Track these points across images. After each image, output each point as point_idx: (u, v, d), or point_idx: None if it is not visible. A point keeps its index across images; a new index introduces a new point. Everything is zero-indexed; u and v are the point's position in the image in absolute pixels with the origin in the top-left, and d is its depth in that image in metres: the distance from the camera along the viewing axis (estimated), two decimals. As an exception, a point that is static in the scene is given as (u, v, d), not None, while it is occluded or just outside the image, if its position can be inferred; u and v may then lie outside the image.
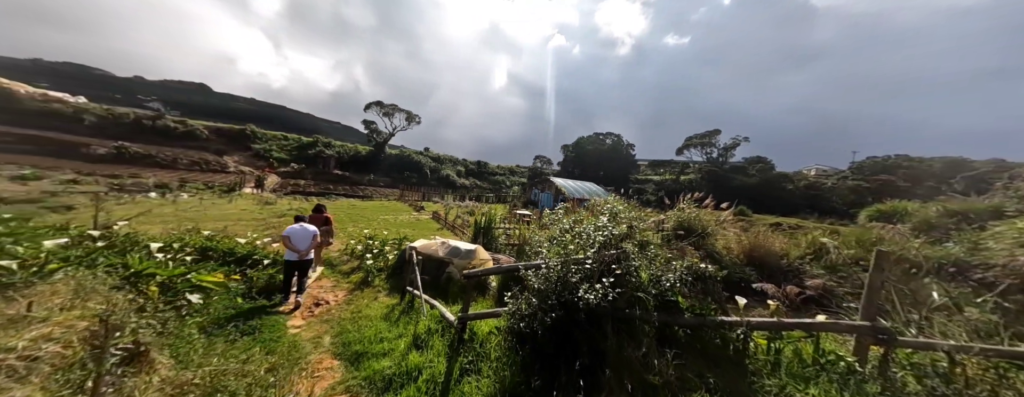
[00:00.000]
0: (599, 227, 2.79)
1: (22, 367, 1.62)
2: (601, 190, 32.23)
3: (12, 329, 1.78)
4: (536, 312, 2.69)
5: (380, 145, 47.44)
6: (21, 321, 1.84)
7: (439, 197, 32.07)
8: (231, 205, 15.37)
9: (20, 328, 1.80)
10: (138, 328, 2.46)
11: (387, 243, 7.98)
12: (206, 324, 3.85)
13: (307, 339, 4.14)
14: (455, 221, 13.53)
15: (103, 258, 2.83)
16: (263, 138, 41.26)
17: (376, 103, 46.68)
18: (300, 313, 4.96)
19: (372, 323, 4.59)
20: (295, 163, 38.91)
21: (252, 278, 5.40)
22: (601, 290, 2.38)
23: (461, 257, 6.99)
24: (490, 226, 9.65)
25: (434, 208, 20.47)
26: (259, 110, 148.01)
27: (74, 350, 1.87)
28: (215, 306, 4.38)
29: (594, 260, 2.59)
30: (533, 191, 37.25)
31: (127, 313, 2.33)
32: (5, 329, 1.77)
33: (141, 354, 2.31)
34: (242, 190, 22.84)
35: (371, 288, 6.18)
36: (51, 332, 1.82)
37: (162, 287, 2.94)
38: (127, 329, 2.29)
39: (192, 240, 6.04)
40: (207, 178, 26.86)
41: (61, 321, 1.92)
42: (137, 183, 20.37)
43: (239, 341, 3.72)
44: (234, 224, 9.89)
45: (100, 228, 5.58)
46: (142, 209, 11.40)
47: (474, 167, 57.52)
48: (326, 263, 7.19)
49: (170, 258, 5.10)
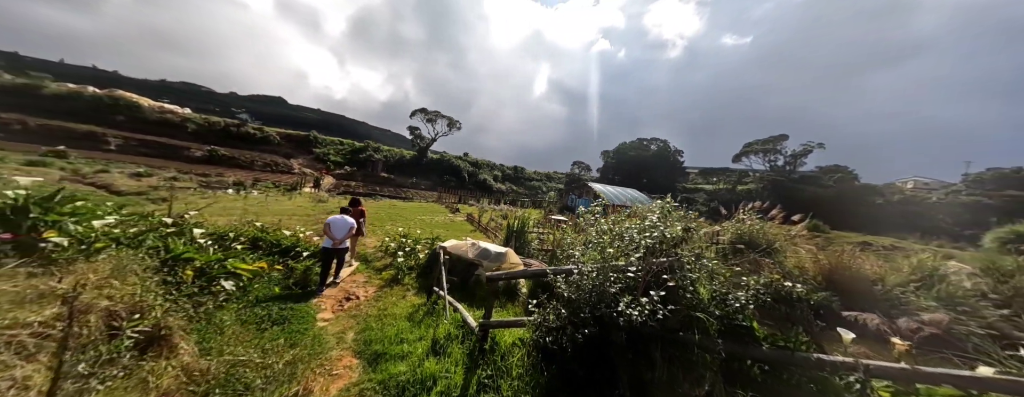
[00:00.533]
0: (646, 228, 2.29)
1: (32, 344, 1.59)
2: (644, 197, 30.30)
3: (37, 304, 1.79)
4: (565, 326, 2.26)
5: (423, 150, 49.69)
6: (49, 296, 1.86)
7: (475, 200, 32.50)
8: (290, 202, 16.81)
9: (44, 304, 1.80)
10: (165, 311, 2.46)
11: (419, 242, 7.97)
12: (242, 311, 3.96)
13: (332, 333, 4.08)
14: (488, 224, 13.39)
15: (150, 240, 2.97)
16: (323, 143, 45.37)
17: (421, 110, 49.14)
18: (330, 306, 4.99)
19: (395, 322, 4.44)
20: (348, 166, 42.17)
21: (293, 268, 5.61)
22: (648, 305, 1.89)
23: (491, 260, 6.70)
24: (523, 230, 9.28)
25: (469, 210, 20.65)
26: (323, 119, 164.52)
27: (90, 330, 1.83)
28: (255, 293, 4.54)
29: (639, 268, 2.10)
30: (570, 197, 36.24)
31: (155, 295, 2.33)
32: (30, 304, 1.77)
33: (163, 338, 2.27)
34: (302, 189, 25.07)
35: (400, 286, 6.13)
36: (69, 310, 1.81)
37: (198, 272, 3.00)
38: (153, 312, 2.27)
39: (246, 231, 6.49)
40: (275, 178, 30.03)
41: (86, 299, 1.92)
42: (220, 181, 23.31)
43: (269, 330, 3.75)
44: (288, 218, 10.65)
45: (174, 216, 6.22)
46: (218, 203, 12.85)
47: (511, 172, 57.81)
48: (362, 258, 7.34)
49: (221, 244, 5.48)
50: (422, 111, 49.08)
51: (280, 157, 39.24)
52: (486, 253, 6.80)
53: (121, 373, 1.91)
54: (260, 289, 4.69)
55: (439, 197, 33.07)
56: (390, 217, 14.78)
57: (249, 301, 4.29)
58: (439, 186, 42.11)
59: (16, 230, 2.35)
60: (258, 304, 4.27)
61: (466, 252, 6.90)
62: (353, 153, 45.58)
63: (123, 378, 1.88)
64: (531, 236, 9.33)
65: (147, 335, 2.15)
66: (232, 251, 4.67)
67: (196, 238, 3.71)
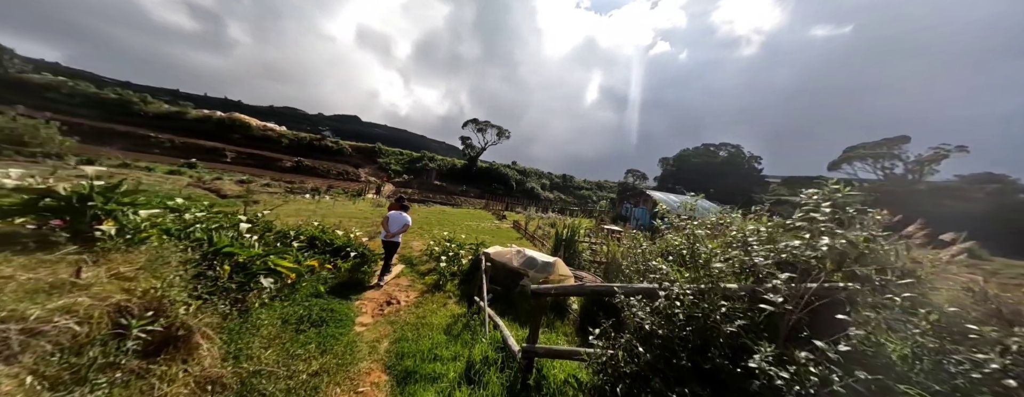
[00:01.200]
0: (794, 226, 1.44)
1: (17, 343, 1.39)
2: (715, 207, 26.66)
3: (44, 294, 1.64)
4: (647, 374, 1.52)
5: (473, 159, 51.29)
6: (62, 287, 1.71)
7: (522, 208, 32.10)
8: (354, 206, 18.18)
9: (53, 296, 1.64)
10: (195, 309, 2.28)
11: (463, 247, 7.64)
12: (286, 309, 3.89)
13: (367, 341, 3.78)
14: (535, 232, 12.73)
15: (198, 232, 2.97)
16: (386, 154, 49.53)
17: (472, 120, 51.02)
18: (371, 310, 4.78)
19: (432, 334, 4.01)
20: (406, 174, 45.25)
21: (341, 268, 5.61)
22: (811, 365, 1.08)
23: (537, 270, 6.02)
24: (573, 239, 8.44)
25: (515, 218, 20.23)
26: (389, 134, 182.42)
27: (93, 327, 1.62)
28: (303, 292, 4.52)
29: (787, 294, 1.28)
30: (624, 206, 33.67)
31: (178, 290, 2.16)
32: (37, 294, 1.62)
33: (181, 339, 2.06)
34: (366, 195, 27.30)
35: (442, 293, 5.77)
36: (75, 303, 1.63)
37: (238, 267, 2.88)
38: (174, 308, 2.08)
39: (306, 230, 6.78)
40: (345, 185, 33.29)
41: (97, 292, 1.75)
42: (301, 187, 26.46)
43: (305, 332, 3.58)
44: (348, 220, 11.28)
45: (249, 215, 6.80)
46: (294, 205, 14.30)
47: (559, 180, 56.59)
48: (406, 261, 7.22)
49: (283, 242, 5.70)
50: (473, 121, 50.93)
51: (350, 167, 43.68)
52: (532, 262, 6.15)
53: (122, 379, 1.67)
54: (307, 287, 4.67)
55: (486, 204, 33.42)
56: (438, 222, 15.00)
57: (295, 299, 4.25)
58: (487, 194, 42.81)
59: (80, 218, 2.35)
60: (302, 303, 4.20)
61: (510, 260, 6.33)
62: (411, 162, 48.90)
63: (120, 386, 1.64)
64: (582, 246, 8.44)
65: (160, 335, 1.93)
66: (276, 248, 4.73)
67: (242, 233, 3.73)
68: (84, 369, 1.56)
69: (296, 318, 3.78)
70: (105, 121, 35.28)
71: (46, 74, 38.81)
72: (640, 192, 33.00)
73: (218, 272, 2.65)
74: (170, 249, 2.53)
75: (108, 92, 40.37)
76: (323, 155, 44.71)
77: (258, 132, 44.07)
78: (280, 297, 4.15)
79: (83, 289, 1.76)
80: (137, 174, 19.01)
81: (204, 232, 2.98)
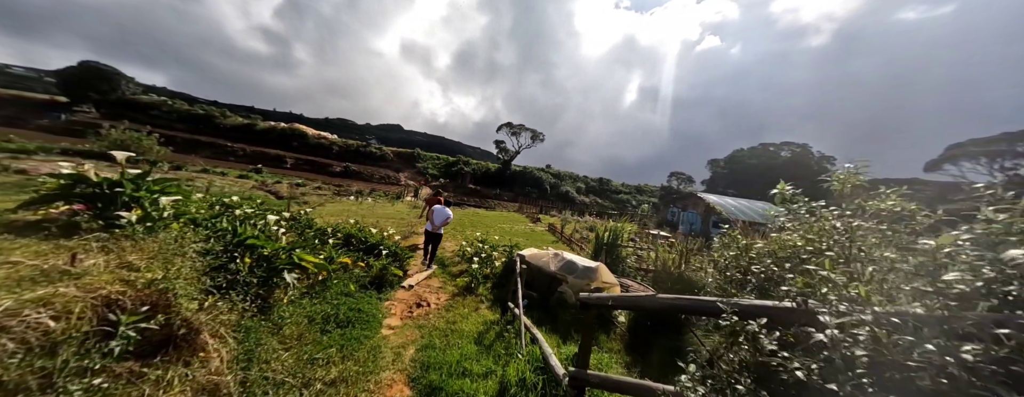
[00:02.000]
0: None
1: (-28, 339, 1.15)
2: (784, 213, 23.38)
3: (29, 282, 1.44)
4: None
5: (506, 163, 51.34)
6: (50, 275, 1.51)
7: (557, 211, 31.18)
8: (392, 207, 18.74)
9: (36, 284, 1.43)
10: (209, 304, 2.05)
11: (496, 248, 7.21)
12: (315, 307, 3.70)
13: (392, 347, 3.45)
14: (572, 235, 11.97)
15: (224, 222, 2.85)
16: (424, 159, 51.45)
17: (506, 124, 51.21)
18: (400, 312, 4.49)
19: (461, 342, 3.58)
20: (442, 178, 46.49)
21: (372, 267, 5.44)
22: None
23: (577, 275, 5.39)
24: (615, 243, 7.63)
25: (550, 221, 19.50)
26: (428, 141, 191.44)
27: (71, 322, 1.38)
28: (335, 289, 4.36)
29: None
30: (671, 209, 31.09)
31: (184, 282, 1.93)
32: (22, 282, 1.41)
33: (183, 338, 1.81)
34: (404, 198, 28.31)
35: (474, 296, 5.37)
36: (55, 294, 1.40)
37: (261, 261, 2.68)
38: (178, 303, 1.84)
39: (342, 227, 6.81)
40: (387, 188, 34.93)
41: (88, 283, 1.53)
42: (347, 190, 28.17)
43: (330, 334, 3.33)
44: (385, 220, 11.46)
45: (293, 212, 7.02)
46: (338, 206, 15.01)
47: (595, 184, 54.59)
48: (438, 262, 6.95)
49: (321, 239, 5.69)
50: (507, 125, 51.11)
51: (391, 171, 45.92)
52: (571, 266, 5.53)
53: (105, 384, 1.41)
54: (338, 285, 4.51)
55: (520, 207, 33.00)
56: (471, 223, 14.82)
57: (325, 297, 4.08)
58: (521, 197, 42.43)
59: (109, 205, 2.24)
60: (331, 301, 4.01)
61: (547, 263, 5.76)
62: (447, 166, 50.22)
63: (98, 394, 1.37)
64: (626, 251, 7.61)
65: (158, 334, 1.68)
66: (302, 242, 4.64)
67: (269, 225, 3.61)
68: (56, 373, 1.30)
69: (322, 317, 3.56)
70: (194, 133, 40.76)
71: (153, 95, 46.01)
72: (689, 195, 30.21)
73: (238, 265, 2.44)
74: (190, 238, 2.36)
75: (197, 109, 46.78)
76: (368, 160, 47.56)
77: (313, 140, 48.13)
78: (310, 294, 4.00)
79: (75, 278, 1.55)
80: (212, 177, 21.44)
81: (229, 222, 2.84)
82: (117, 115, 34.32)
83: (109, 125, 22.29)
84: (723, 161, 45.53)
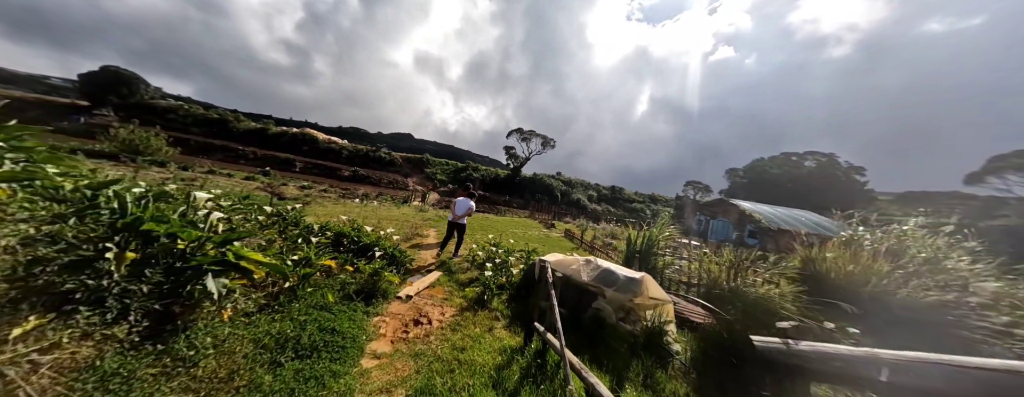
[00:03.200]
0: None
1: None
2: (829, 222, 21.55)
3: None
4: None
5: (516, 169, 50.47)
6: None
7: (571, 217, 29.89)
8: (398, 210, 17.84)
9: None
10: None
11: (512, 253, 6.12)
12: (266, 327, 2.66)
13: (373, 390, 2.37)
14: (594, 242, 10.77)
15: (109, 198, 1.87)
16: (433, 164, 51.02)
17: (517, 130, 50.60)
18: (391, 331, 3.41)
19: (472, 383, 2.48)
20: (450, 184, 45.78)
21: (363, 271, 4.41)
22: None
23: (618, 288, 4.23)
24: (650, 251, 6.46)
25: (566, 227, 18.27)
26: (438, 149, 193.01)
27: None
28: (304, 301, 3.33)
29: None
30: (697, 217, 29.24)
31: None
32: None
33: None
34: (411, 202, 27.52)
35: (487, 311, 4.26)
36: None
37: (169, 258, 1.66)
38: None
39: (333, 226, 5.84)
40: (394, 192, 34.29)
41: None
42: (353, 193, 27.55)
43: (283, 368, 2.28)
44: (387, 221, 10.49)
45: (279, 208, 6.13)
46: (344, 208, 14.16)
47: (607, 192, 53.07)
48: (445, 269, 5.88)
49: (305, 238, 4.70)
50: (518, 131, 50.52)
51: (400, 176, 45.49)
52: (610, 277, 4.37)
53: None
54: (313, 295, 3.48)
55: (531, 214, 31.85)
56: (482, 228, 13.76)
57: (292, 310, 3.05)
58: (531, 204, 41.30)
59: None
60: (298, 317, 2.97)
61: (577, 272, 4.63)
62: (455, 172, 49.61)
63: None
64: (665, 260, 6.41)
65: None
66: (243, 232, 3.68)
67: (198, 208, 2.59)
68: None
69: (277, 342, 2.51)
70: (208, 137, 41.21)
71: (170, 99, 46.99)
72: (719, 202, 28.36)
73: (108, 263, 1.42)
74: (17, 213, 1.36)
75: (212, 114, 47.52)
76: (377, 165, 47.32)
77: (323, 145, 48.27)
78: (270, 308, 2.97)
79: None
80: (218, 178, 21.00)
81: (116, 197, 1.84)
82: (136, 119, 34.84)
83: (119, 125, 22.26)
84: (742, 171, 43.50)
